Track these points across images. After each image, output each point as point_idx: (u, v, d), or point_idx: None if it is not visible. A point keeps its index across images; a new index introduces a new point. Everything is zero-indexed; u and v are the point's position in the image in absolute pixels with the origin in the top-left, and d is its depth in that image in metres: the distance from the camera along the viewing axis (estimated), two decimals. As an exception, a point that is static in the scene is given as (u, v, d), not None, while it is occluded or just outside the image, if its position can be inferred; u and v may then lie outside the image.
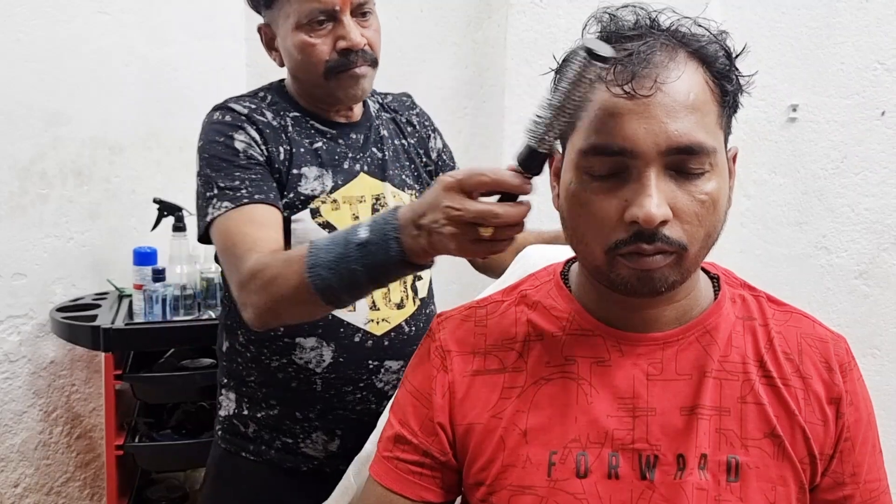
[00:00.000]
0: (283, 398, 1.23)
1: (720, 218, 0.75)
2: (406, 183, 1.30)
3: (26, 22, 1.94)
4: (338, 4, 1.15)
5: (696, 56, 0.73)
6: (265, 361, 1.23)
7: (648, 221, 0.69)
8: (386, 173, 1.27)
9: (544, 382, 0.79)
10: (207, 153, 1.18)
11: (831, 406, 0.78)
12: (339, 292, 0.94)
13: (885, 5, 1.76)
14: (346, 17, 1.16)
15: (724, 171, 0.75)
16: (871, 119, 1.80)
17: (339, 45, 1.17)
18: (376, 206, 1.24)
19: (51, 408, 2.08)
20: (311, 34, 1.16)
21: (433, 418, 0.82)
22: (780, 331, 0.81)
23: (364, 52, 1.19)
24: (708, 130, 0.72)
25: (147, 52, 2.16)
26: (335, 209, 1.21)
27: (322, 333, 1.19)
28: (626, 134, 0.70)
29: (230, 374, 1.29)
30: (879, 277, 1.84)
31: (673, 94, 0.70)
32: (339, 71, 1.18)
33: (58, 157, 2.03)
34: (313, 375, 1.21)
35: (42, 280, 2.03)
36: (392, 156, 1.30)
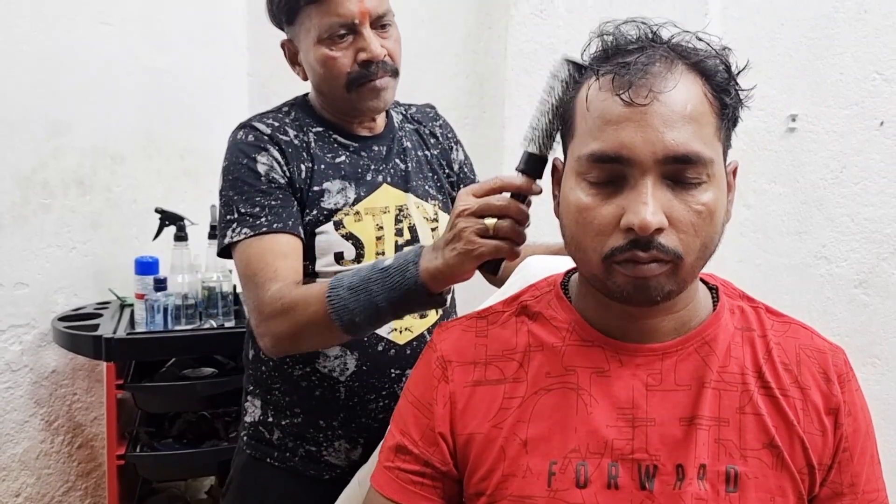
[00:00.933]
0: (306, 406, 1.25)
1: (717, 229, 0.75)
2: (429, 194, 1.32)
3: (29, 32, 1.95)
4: (357, 17, 1.17)
5: (695, 69, 0.75)
6: (288, 370, 1.25)
7: (644, 229, 0.70)
8: (409, 184, 1.29)
9: (544, 393, 0.80)
10: (231, 174, 1.20)
11: (829, 416, 0.78)
12: (355, 315, 0.98)
13: (883, 17, 1.77)
14: (365, 30, 1.18)
15: (721, 182, 0.75)
16: (869, 129, 1.81)
17: (360, 57, 1.18)
18: (399, 216, 1.26)
19: (52, 417, 2.08)
20: (332, 48, 1.18)
21: (434, 428, 0.83)
22: (779, 342, 0.81)
23: (384, 62, 1.20)
24: (705, 141, 0.73)
25: (149, 61, 2.17)
26: (358, 220, 1.22)
27: (346, 342, 1.21)
28: (624, 142, 0.71)
29: (256, 382, 1.31)
30: (879, 287, 1.84)
31: (671, 105, 0.71)
32: (360, 83, 1.19)
33: (59, 166, 2.04)
34: (337, 384, 1.22)
35: (44, 290, 2.04)
36: (415, 167, 1.32)
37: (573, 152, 0.77)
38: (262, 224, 1.15)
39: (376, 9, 1.18)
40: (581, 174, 0.75)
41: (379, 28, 1.20)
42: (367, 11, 1.17)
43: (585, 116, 0.76)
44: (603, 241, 0.73)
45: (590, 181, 0.74)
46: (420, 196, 1.30)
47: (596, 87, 0.75)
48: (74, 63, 2.03)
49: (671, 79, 0.72)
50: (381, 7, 1.20)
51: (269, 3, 1.25)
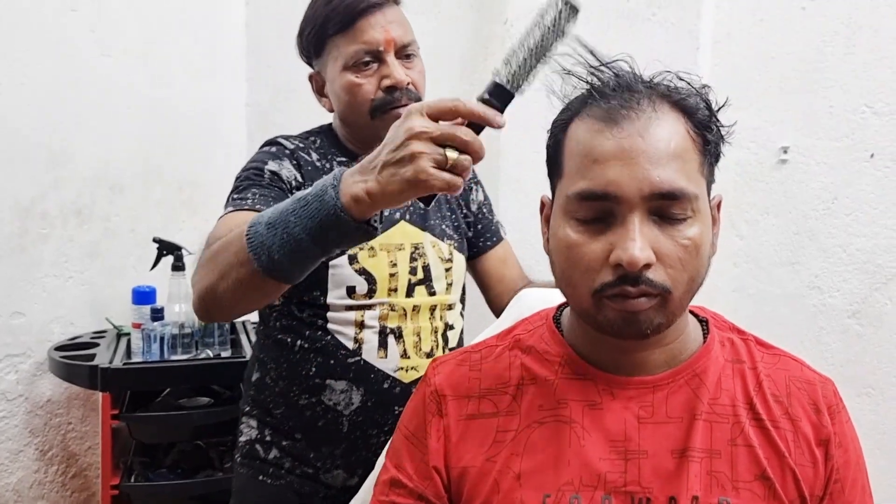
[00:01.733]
0: (309, 434, 1.25)
1: (703, 263, 0.77)
2: (446, 233, 1.32)
3: (31, 64, 1.98)
4: (382, 45, 1.19)
5: (677, 107, 0.77)
6: (294, 398, 1.24)
7: (632, 264, 0.71)
8: (427, 223, 1.29)
9: (538, 426, 0.80)
10: (239, 178, 1.20)
11: (820, 448, 0.79)
12: (274, 252, 0.86)
13: (871, 51, 1.80)
14: (390, 57, 1.20)
15: (706, 217, 0.77)
16: (860, 161, 1.83)
17: (384, 84, 1.20)
18: (414, 254, 1.26)
19: (46, 447, 2.07)
20: (357, 75, 1.20)
21: (428, 462, 0.83)
22: (769, 374, 0.82)
23: (409, 90, 1.21)
24: (689, 177, 0.75)
25: (149, 92, 2.20)
26: (372, 256, 1.23)
27: (353, 378, 1.22)
28: (611, 179, 0.73)
29: (255, 404, 1.30)
30: (872, 317, 1.85)
31: (655, 143, 0.73)
32: (384, 110, 1.20)
33: (59, 196, 2.05)
34: (341, 416, 1.22)
35: (40, 319, 2.04)
36: (434, 206, 1.31)
37: (561, 191, 0.79)
38: (247, 203, 1.12)
39: (402, 38, 1.21)
40: (570, 212, 0.77)
41: (404, 58, 1.22)
42: (392, 40, 1.19)
43: (573, 156, 0.78)
44: (592, 277, 0.75)
45: (578, 219, 0.76)
46: (437, 235, 1.30)
47: (582, 127, 0.77)
48: (75, 94, 2.06)
49: (655, 117, 0.75)
50: (406, 37, 1.22)
51: (300, 37, 1.28)
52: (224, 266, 0.94)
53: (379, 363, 1.22)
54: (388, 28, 1.19)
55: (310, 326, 1.23)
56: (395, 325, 1.24)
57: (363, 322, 1.23)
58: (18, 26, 1.95)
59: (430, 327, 1.27)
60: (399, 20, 1.23)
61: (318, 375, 1.22)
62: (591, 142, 0.76)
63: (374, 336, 1.23)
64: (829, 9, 1.83)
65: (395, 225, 1.27)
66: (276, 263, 0.88)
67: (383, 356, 1.23)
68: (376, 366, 1.22)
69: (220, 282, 0.94)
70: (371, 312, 1.23)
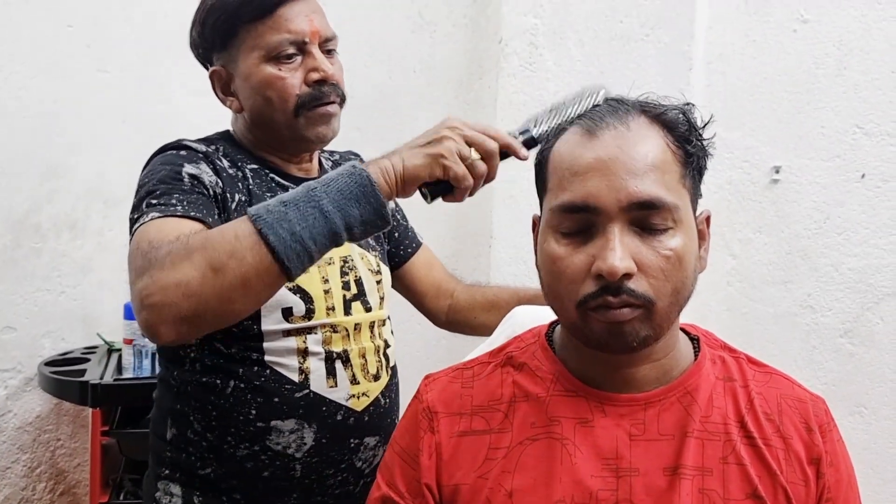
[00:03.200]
0: (251, 490, 1.09)
1: (688, 275, 0.77)
2: (370, 244, 1.23)
3: (27, 79, 1.98)
4: (307, 36, 1.09)
5: (657, 121, 0.79)
6: (229, 451, 1.08)
7: (612, 274, 0.72)
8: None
9: (529, 443, 0.80)
10: (148, 180, 1.04)
11: (812, 466, 0.79)
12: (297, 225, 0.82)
13: (862, 73, 1.82)
14: (315, 49, 1.10)
15: (690, 229, 0.78)
16: (851, 181, 1.85)
17: (312, 77, 1.09)
18: (344, 268, 1.15)
19: (35, 463, 2.06)
20: (279, 67, 1.09)
21: (420, 479, 0.83)
22: (761, 392, 0.82)
23: (336, 86, 1.12)
24: (669, 188, 0.76)
25: (144, 108, 2.20)
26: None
27: (302, 414, 1.09)
28: (590, 191, 0.75)
29: (175, 465, 1.12)
30: (864, 336, 1.85)
31: (633, 154, 0.75)
32: (310, 107, 1.10)
33: (52, 210, 2.05)
34: (292, 461, 1.09)
35: (31, 334, 2.03)
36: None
37: (547, 205, 0.80)
38: (177, 210, 0.98)
39: (325, 31, 1.12)
40: (554, 226, 0.78)
41: (325, 53, 1.12)
42: (317, 31, 1.10)
43: (556, 170, 0.79)
44: (576, 289, 0.75)
45: (562, 232, 0.77)
46: (362, 246, 1.20)
47: (564, 143, 0.80)
48: (70, 108, 2.06)
49: (634, 131, 0.77)
50: (329, 31, 1.13)
51: (200, 26, 1.14)
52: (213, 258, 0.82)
53: (329, 393, 1.10)
54: (312, 18, 1.10)
55: (242, 363, 1.07)
56: (340, 349, 1.12)
57: (306, 349, 1.09)
58: (15, 41, 1.96)
59: (372, 347, 1.16)
60: (320, 11, 1.14)
61: (261, 418, 1.07)
62: (571, 155, 0.78)
63: (321, 363, 1.10)
64: (820, 31, 1.85)
65: None
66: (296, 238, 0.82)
67: (333, 385, 1.10)
68: (328, 397, 1.10)
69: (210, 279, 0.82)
70: (313, 336, 1.10)
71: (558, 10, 1.94)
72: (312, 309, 1.10)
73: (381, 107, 2.17)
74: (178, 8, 2.26)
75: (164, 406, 1.16)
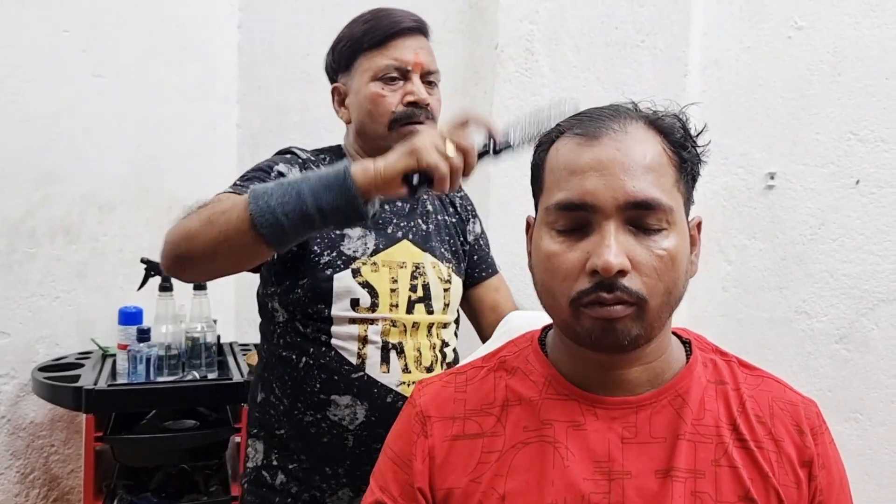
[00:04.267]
0: (313, 452, 1.27)
1: (680, 276, 0.78)
2: (445, 256, 1.37)
3: (22, 84, 1.98)
4: (410, 65, 1.28)
5: (653, 126, 0.80)
6: (298, 416, 1.26)
7: (606, 270, 0.73)
8: (428, 244, 1.35)
9: (522, 446, 0.80)
10: (247, 171, 1.25)
11: (803, 469, 0.79)
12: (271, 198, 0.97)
13: (856, 79, 1.83)
14: (415, 77, 1.29)
15: (683, 231, 0.79)
16: (846, 187, 1.85)
17: (407, 99, 1.27)
18: (415, 273, 1.31)
19: (28, 469, 2.05)
20: (383, 87, 1.28)
21: (413, 483, 0.82)
22: (752, 395, 0.82)
23: (427, 110, 1.29)
24: (664, 190, 0.77)
25: (140, 113, 2.20)
26: (374, 271, 1.28)
27: (356, 392, 1.24)
28: (588, 189, 0.75)
29: (261, 425, 1.33)
30: (859, 342, 1.85)
31: (631, 155, 0.76)
32: (402, 123, 1.27)
33: (47, 215, 2.04)
34: (346, 432, 1.24)
35: (25, 339, 2.02)
36: (434, 229, 1.38)
37: (542, 204, 0.81)
38: (243, 190, 1.11)
39: (428, 64, 1.30)
40: (550, 224, 0.79)
41: (426, 84, 1.31)
42: (420, 63, 1.29)
43: (553, 170, 0.80)
44: (570, 286, 0.76)
45: (557, 229, 0.78)
46: (437, 257, 1.35)
47: (562, 144, 0.81)
48: (66, 113, 2.06)
49: (632, 134, 0.78)
50: (432, 65, 1.32)
51: (332, 51, 1.36)
52: (213, 213, 1.02)
53: (382, 378, 1.25)
54: (419, 52, 1.29)
55: (314, 342, 1.26)
56: (396, 341, 1.27)
57: (366, 337, 1.26)
58: (11, 46, 1.96)
59: (428, 344, 1.31)
60: (428, 49, 1.33)
61: (323, 391, 1.25)
62: (569, 156, 0.79)
63: (377, 351, 1.26)
64: (815, 37, 1.86)
65: (398, 243, 1.31)
66: (270, 210, 0.97)
67: (385, 371, 1.26)
68: (379, 380, 1.25)
69: (203, 228, 1.01)
70: (374, 328, 1.26)
71: (554, 16, 1.95)
72: (377, 303, 1.26)
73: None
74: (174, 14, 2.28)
75: (257, 373, 1.37)
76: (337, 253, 1.26)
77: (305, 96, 2.32)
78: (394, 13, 1.31)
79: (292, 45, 2.34)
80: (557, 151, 0.81)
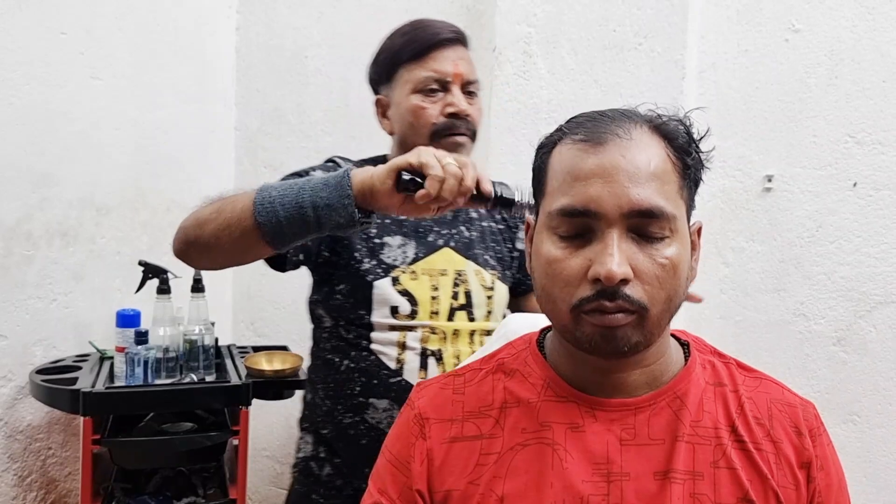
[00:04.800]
0: (352, 452, 1.30)
1: (681, 284, 0.78)
2: (489, 263, 1.37)
3: (20, 86, 1.98)
4: (450, 76, 1.29)
5: (657, 131, 0.79)
6: (339, 417, 1.30)
7: (609, 279, 0.72)
8: (470, 251, 1.36)
9: (520, 448, 0.80)
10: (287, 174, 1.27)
11: (802, 470, 0.79)
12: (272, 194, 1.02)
13: (853, 83, 1.83)
14: (455, 88, 1.30)
15: (685, 239, 0.78)
16: (843, 190, 1.86)
17: (447, 110, 1.28)
18: (457, 280, 1.32)
19: (25, 472, 2.04)
20: (423, 99, 1.29)
21: (412, 486, 0.82)
22: (751, 396, 0.82)
23: (467, 121, 1.30)
24: (668, 198, 0.76)
25: (138, 115, 2.20)
26: (413, 279, 1.30)
27: (394, 396, 1.27)
28: (592, 196, 0.75)
29: (309, 422, 1.38)
30: (857, 344, 1.86)
31: (635, 162, 0.75)
32: (443, 135, 1.28)
33: (44, 217, 2.04)
34: (383, 435, 1.27)
35: (22, 342, 2.02)
36: (478, 236, 1.38)
37: (544, 209, 0.81)
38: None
39: (468, 75, 1.31)
40: (552, 228, 0.78)
41: (467, 94, 1.31)
42: (460, 74, 1.29)
43: (556, 175, 0.80)
44: (571, 292, 0.76)
45: (560, 235, 0.77)
46: (480, 264, 1.36)
47: (566, 148, 0.80)
48: (63, 116, 2.05)
49: (636, 140, 0.77)
50: (472, 75, 1.32)
51: (374, 63, 1.37)
52: (224, 203, 1.08)
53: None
54: (458, 63, 1.30)
55: (355, 347, 1.30)
56: (435, 348, 1.29)
57: (405, 343, 1.29)
58: (7, 48, 1.95)
59: (468, 351, 1.32)
60: (467, 59, 1.33)
61: (362, 395, 1.28)
62: (573, 161, 0.78)
63: (416, 357, 1.28)
64: (812, 41, 1.86)
65: (439, 251, 1.33)
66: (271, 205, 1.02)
67: (423, 377, 1.27)
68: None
69: (212, 215, 1.07)
70: (413, 334, 1.29)
71: (552, 19, 1.95)
72: (416, 311, 1.29)
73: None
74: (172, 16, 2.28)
75: (308, 374, 1.42)
76: (377, 261, 1.28)
77: (303, 99, 2.33)
78: (433, 25, 1.32)
79: (290, 48, 2.34)
80: (561, 155, 0.80)
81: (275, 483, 2.44)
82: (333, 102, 2.28)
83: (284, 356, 2.03)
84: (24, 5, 1.96)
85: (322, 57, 2.27)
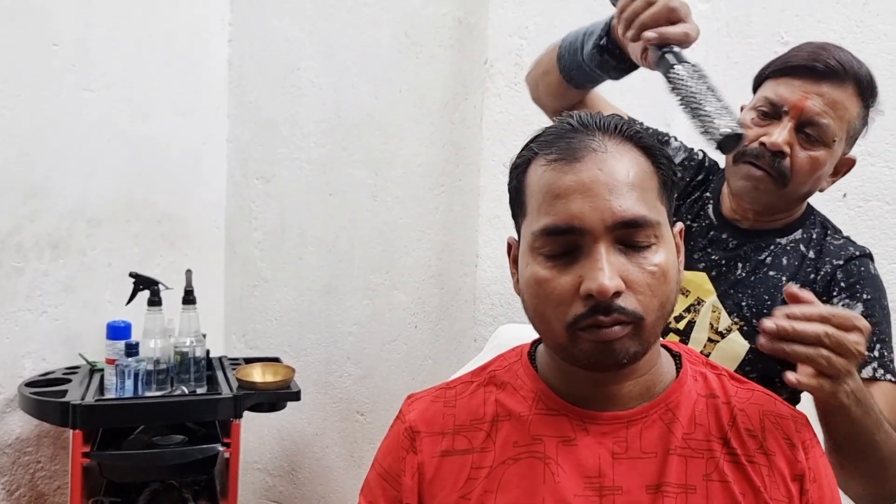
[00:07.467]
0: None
1: (672, 288, 0.78)
2: (741, 311, 1.17)
3: (10, 97, 1.97)
4: (789, 105, 1.17)
5: (631, 140, 0.79)
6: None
7: (602, 293, 0.72)
8: (725, 288, 1.19)
9: (512, 462, 0.80)
10: None
11: (795, 483, 0.79)
12: (568, 38, 1.24)
13: (842, 93, 1.84)
14: (786, 119, 1.17)
15: (670, 243, 0.79)
16: (833, 201, 1.86)
17: (762, 139, 1.17)
18: (692, 307, 1.20)
19: (14, 486, 2.02)
20: (754, 118, 1.22)
21: (402, 500, 0.82)
22: (743, 408, 0.82)
23: (775, 156, 1.16)
24: (649, 205, 0.76)
25: (130, 127, 2.19)
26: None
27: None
28: (574, 213, 0.75)
29: None
30: (848, 355, 1.86)
31: (613, 174, 0.75)
32: (741, 161, 1.17)
33: (35, 229, 2.03)
34: None
35: (12, 354, 2.00)
36: (755, 280, 1.18)
37: (526, 229, 0.80)
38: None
39: (811, 112, 1.15)
40: (536, 249, 0.78)
41: (802, 135, 1.16)
42: (801, 107, 1.15)
43: (534, 194, 0.79)
44: (565, 311, 0.75)
45: (545, 255, 0.77)
46: (726, 305, 1.18)
47: (542, 166, 0.79)
48: (55, 127, 2.05)
49: (612, 151, 0.77)
50: (820, 117, 1.14)
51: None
52: (542, 56, 1.35)
53: None
54: (806, 97, 1.15)
55: None
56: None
57: None
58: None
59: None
60: (832, 99, 1.16)
61: None
62: (551, 178, 0.77)
63: None
64: (801, 53, 1.87)
65: (694, 271, 1.21)
66: (565, 46, 1.25)
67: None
68: None
69: (544, 57, 1.33)
70: None
71: (543, 31, 1.96)
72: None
73: (368, 126, 2.18)
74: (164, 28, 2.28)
75: None
76: None
77: (296, 111, 2.32)
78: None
79: (283, 59, 2.34)
80: (537, 174, 0.79)
81: (266, 496, 2.42)
82: (326, 114, 2.28)
83: (276, 368, 2.03)
84: (15, 17, 1.96)
85: (315, 69, 2.27)
